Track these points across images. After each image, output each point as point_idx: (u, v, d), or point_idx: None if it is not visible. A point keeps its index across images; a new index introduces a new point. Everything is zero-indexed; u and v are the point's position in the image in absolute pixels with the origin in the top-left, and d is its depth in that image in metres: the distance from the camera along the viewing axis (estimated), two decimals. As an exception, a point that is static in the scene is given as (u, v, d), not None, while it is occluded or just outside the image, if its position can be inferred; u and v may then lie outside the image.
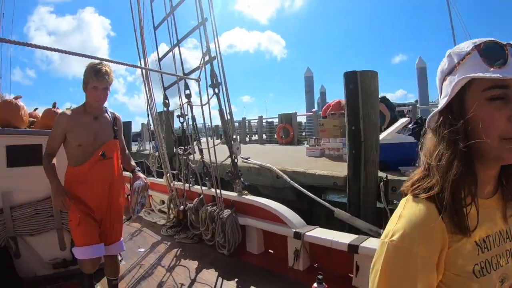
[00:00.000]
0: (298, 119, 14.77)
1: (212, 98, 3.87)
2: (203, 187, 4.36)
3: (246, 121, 18.97)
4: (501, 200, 0.79)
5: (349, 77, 4.32)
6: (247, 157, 5.91)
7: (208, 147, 4.10)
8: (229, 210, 3.76)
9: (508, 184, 0.79)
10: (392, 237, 0.70)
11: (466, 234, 0.70)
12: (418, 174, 0.78)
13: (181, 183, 4.88)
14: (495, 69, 0.66)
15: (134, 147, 14.29)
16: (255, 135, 18.73)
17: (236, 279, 3.16)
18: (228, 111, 3.89)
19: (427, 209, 0.71)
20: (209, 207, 4.01)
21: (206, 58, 3.86)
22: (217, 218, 3.80)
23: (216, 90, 3.80)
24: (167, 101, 4.93)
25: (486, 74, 0.66)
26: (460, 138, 0.69)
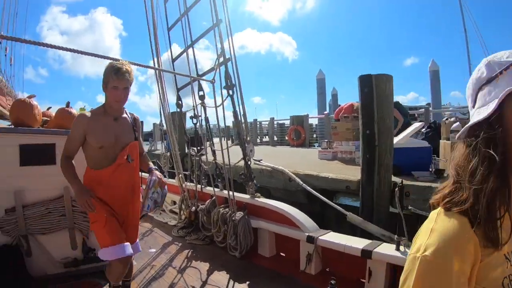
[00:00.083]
0: (309, 121, 14.72)
1: (226, 99, 3.88)
2: (215, 189, 4.37)
3: (257, 123, 18.99)
4: None
5: (364, 80, 4.27)
6: (260, 159, 5.89)
7: (221, 148, 4.10)
8: (242, 213, 3.75)
9: None
10: (425, 252, 0.69)
11: (498, 247, 0.68)
12: (448, 187, 0.76)
13: (193, 184, 4.89)
14: None
15: (145, 147, 14.35)
16: (266, 137, 18.71)
17: (247, 282, 3.15)
18: (242, 113, 3.89)
19: (460, 223, 0.70)
20: (221, 209, 4.01)
21: (221, 59, 3.86)
22: (229, 220, 3.79)
23: (230, 92, 3.80)
24: (180, 102, 4.95)
25: None
26: (498, 151, 0.67)
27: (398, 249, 2.68)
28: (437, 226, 0.72)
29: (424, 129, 6.44)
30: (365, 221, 3.85)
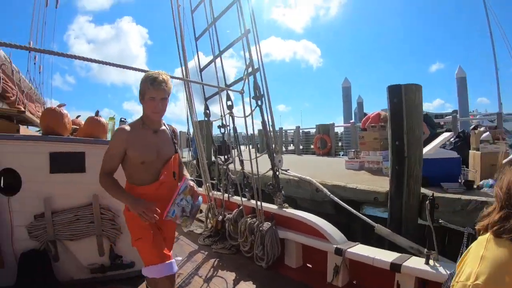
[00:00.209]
0: (335, 129, 14.58)
1: (255, 110, 3.91)
2: (243, 198, 4.39)
3: (283, 131, 18.95)
4: None
5: (393, 91, 4.22)
6: (287, 168, 5.88)
7: (250, 158, 4.12)
8: (269, 223, 3.75)
9: None
10: (477, 280, 0.68)
11: None
12: (496, 212, 0.75)
13: (220, 193, 4.92)
14: None
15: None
16: (291, 145, 18.62)
17: None
18: (270, 123, 3.91)
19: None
20: (248, 219, 4.02)
21: (249, 69, 3.90)
22: (256, 230, 3.80)
23: (259, 102, 3.83)
24: (208, 111, 5.01)
25: None
26: None
27: (427, 263, 2.63)
28: (488, 253, 0.71)
29: (453, 139, 6.26)
30: (393, 233, 3.78)
